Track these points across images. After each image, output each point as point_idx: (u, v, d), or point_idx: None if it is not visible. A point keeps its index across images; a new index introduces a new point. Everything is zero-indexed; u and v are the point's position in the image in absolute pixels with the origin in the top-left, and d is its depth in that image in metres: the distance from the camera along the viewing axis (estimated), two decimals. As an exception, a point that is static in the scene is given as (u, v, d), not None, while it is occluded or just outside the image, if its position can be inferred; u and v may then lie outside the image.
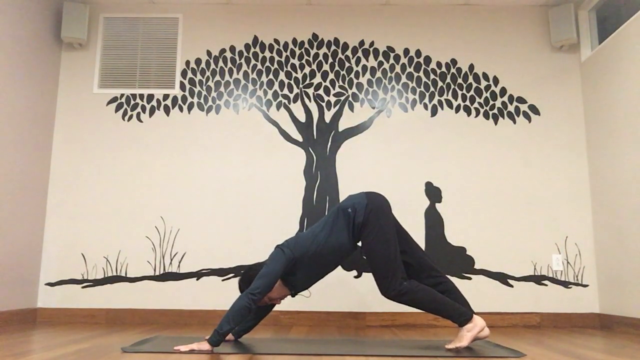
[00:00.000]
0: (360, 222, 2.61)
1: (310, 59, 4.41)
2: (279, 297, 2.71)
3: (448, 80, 4.37)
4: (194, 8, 4.50)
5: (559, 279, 4.07)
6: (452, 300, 2.61)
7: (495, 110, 4.32)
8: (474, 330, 2.56)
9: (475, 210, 4.17)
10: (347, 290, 4.05)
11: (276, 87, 4.37)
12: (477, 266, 4.10)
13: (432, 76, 4.38)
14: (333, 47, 4.43)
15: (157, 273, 4.12)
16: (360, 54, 4.41)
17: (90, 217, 4.21)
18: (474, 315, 2.61)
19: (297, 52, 4.42)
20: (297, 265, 2.61)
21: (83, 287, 4.11)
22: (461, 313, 2.58)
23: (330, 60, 4.41)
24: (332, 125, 4.32)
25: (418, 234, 4.13)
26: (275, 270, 2.52)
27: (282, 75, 4.39)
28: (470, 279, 4.07)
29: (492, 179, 4.22)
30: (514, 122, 4.30)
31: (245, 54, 4.43)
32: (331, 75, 4.38)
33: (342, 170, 4.25)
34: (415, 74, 4.38)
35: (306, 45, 4.43)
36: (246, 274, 2.68)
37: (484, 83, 4.36)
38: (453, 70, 4.38)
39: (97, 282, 4.12)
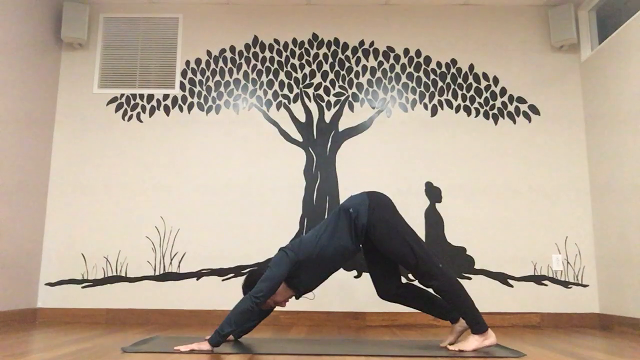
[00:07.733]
0: (364, 224, 2.58)
1: (310, 59, 4.41)
2: (284, 300, 2.68)
3: (448, 80, 4.37)
4: (194, 8, 4.50)
5: (559, 279, 4.07)
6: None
7: (495, 110, 4.32)
8: (484, 342, 2.52)
9: (475, 210, 4.17)
10: (347, 290, 4.05)
11: (276, 87, 4.37)
12: (477, 266, 4.10)
13: (432, 76, 4.38)
14: (333, 47, 4.43)
15: (157, 273, 4.12)
16: (360, 54, 4.41)
17: (90, 217, 4.21)
18: (489, 329, 2.56)
19: (297, 52, 4.42)
20: (301, 267, 2.59)
21: (83, 287, 4.11)
22: (481, 321, 2.53)
23: (330, 60, 4.41)
24: (332, 125, 4.32)
25: (418, 234, 4.12)
26: (278, 273, 2.50)
27: (282, 75, 4.39)
28: (470, 279, 4.07)
29: (492, 179, 4.22)
30: (514, 122, 4.30)
31: (245, 54, 4.43)
32: (331, 75, 4.38)
33: (342, 170, 4.25)
34: (415, 74, 4.38)
35: (306, 45, 4.43)
36: (249, 277, 2.66)
37: (484, 83, 4.36)
38: (453, 70, 4.38)
39: (97, 282, 4.11)
